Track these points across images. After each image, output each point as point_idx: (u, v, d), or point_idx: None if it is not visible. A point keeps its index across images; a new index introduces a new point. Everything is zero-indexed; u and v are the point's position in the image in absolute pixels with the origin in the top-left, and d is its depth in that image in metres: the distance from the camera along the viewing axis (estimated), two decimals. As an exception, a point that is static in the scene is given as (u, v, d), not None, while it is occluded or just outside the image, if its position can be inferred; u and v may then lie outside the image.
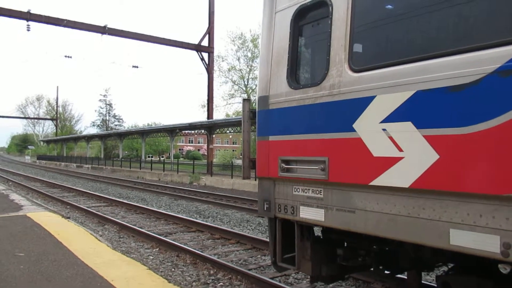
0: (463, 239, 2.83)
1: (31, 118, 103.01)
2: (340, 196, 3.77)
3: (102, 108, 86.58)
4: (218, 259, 7.29)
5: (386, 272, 4.28)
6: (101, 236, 9.18)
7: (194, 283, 6.42)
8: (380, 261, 4.27)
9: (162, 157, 67.62)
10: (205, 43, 31.62)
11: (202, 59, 31.53)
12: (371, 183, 3.38)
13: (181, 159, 59.85)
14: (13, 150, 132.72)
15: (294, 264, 4.41)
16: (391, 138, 3.27)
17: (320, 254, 4.38)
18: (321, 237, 4.50)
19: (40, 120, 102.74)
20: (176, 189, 21.47)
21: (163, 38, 30.66)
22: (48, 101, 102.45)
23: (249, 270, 6.72)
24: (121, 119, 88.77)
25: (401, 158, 3.20)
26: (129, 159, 43.80)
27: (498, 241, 2.65)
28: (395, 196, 3.28)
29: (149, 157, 63.05)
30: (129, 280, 5.37)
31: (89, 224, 11.14)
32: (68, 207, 14.44)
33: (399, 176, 3.19)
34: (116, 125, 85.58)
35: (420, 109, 3.08)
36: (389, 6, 3.60)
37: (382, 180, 3.31)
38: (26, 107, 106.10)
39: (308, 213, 4.09)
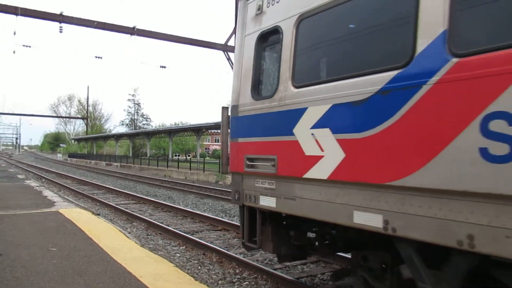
0: (361, 218, 3.82)
1: (63, 117, 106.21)
2: (286, 187, 4.78)
3: (130, 107, 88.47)
4: (243, 258, 7.32)
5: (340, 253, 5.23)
6: (129, 233, 9.37)
7: (220, 281, 6.47)
8: (322, 242, 5.33)
9: (189, 156, 68.39)
10: (231, 43, 31.80)
11: (229, 58, 31.69)
12: (304, 176, 4.40)
13: (207, 158, 60.36)
14: (46, 148, 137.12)
15: (262, 248, 5.54)
16: (317, 141, 4.27)
17: (278, 235, 5.36)
18: (279, 222, 5.38)
19: (71, 119, 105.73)
20: (202, 188, 21.67)
21: (190, 38, 30.96)
22: (79, 101, 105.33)
23: (275, 269, 6.71)
24: (149, 118, 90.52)
25: (322, 156, 4.21)
26: (156, 158, 44.50)
27: (381, 219, 3.63)
28: (319, 186, 4.28)
29: (176, 155, 63.90)
30: (156, 277, 5.46)
31: (118, 221, 11.39)
32: (98, 204, 14.81)
33: (321, 170, 4.20)
34: (144, 124, 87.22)
35: (334, 119, 4.08)
36: (316, 39, 4.64)
37: (310, 173, 4.33)
38: (58, 106, 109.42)
39: (265, 201, 5.11)
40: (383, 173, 3.56)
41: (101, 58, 33.50)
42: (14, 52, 45.89)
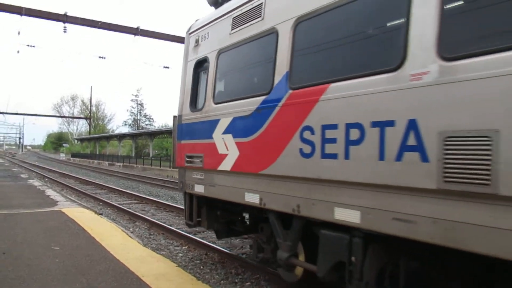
0: (248, 198, 5.44)
1: (66, 117, 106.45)
2: (209, 177, 6.40)
3: (133, 107, 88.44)
4: (246, 259, 7.31)
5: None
6: (132, 232, 9.39)
7: (222, 281, 6.48)
8: (240, 221, 7.06)
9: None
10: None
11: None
12: (218, 169, 6.04)
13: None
14: (49, 148, 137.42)
15: (199, 223, 7.16)
16: (225, 143, 5.87)
17: (210, 215, 6.97)
18: (211, 204, 6.89)
19: (75, 119, 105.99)
20: (204, 188, 21.64)
21: (194, 39, 30.98)
22: (82, 101, 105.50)
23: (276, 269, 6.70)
24: (152, 118, 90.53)
25: (227, 154, 5.82)
26: (159, 158, 44.55)
27: (258, 197, 5.26)
28: (226, 176, 5.93)
29: (178, 156, 63.68)
30: (158, 277, 5.47)
31: (121, 221, 11.41)
32: (100, 203, 14.84)
33: (227, 164, 5.81)
34: (147, 125, 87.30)
35: (234, 127, 5.70)
36: (226, 69, 6.32)
37: (221, 166, 5.93)
38: (62, 106, 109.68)
39: (198, 189, 6.74)
40: (258, 166, 5.21)
41: (104, 58, 33.62)
42: (18, 52, 45.97)
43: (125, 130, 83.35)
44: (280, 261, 5.33)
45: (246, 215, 7.06)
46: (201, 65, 6.90)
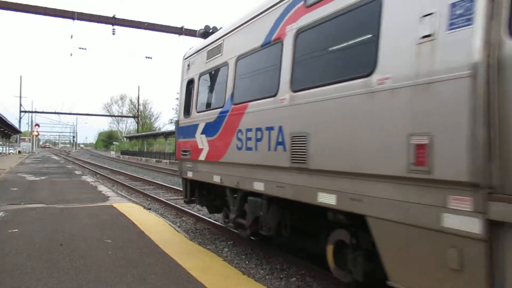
0: (215, 178, 7.67)
1: (115, 116, 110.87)
2: (194, 165, 8.76)
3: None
4: (291, 256, 7.29)
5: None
6: (179, 227, 9.62)
7: (267, 276, 6.50)
8: (220, 199, 8.78)
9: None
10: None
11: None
12: (198, 159, 8.31)
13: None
14: (100, 145, 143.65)
15: (194, 201, 9.56)
16: (201, 141, 8.12)
17: (201, 195, 9.24)
18: (201, 186, 9.14)
19: (123, 118, 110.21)
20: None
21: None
22: (131, 100, 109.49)
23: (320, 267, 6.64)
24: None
25: (203, 148, 8.08)
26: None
27: (219, 177, 7.51)
28: (203, 164, 8.20)
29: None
30: (205, 270, 5.58)
31: (168, 216, 11.73)
32: (149, 199, 15.32)
33: (203, 156, 8.08)
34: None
35: (206, 129, 7.93)
36: (204, 87, 8.57)
37: (200, 157, 8.20)
38: (111, 106, 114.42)
39: (189, 174, 9.11)
40: (218, 156, 7.45)
41: (151, 58, 34.76)
42: (71, 54, 48.30)
43: (171, 128, 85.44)
44: (231, 221, 7.88)
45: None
46: (190, 83, 9.22)
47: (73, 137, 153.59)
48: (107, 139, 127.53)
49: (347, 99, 4.44)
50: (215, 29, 9.03)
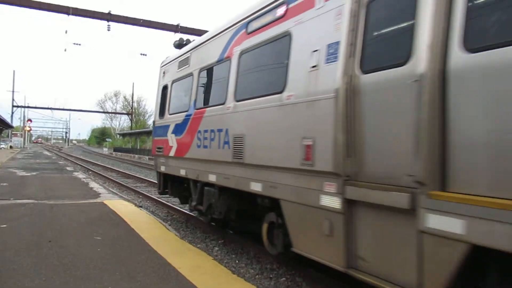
0: (181, 172, 8.96)
1: (109, 113, 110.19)
2: (166, 160, 9.92)
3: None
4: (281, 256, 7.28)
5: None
6: (169, 225, 9.57)
7: (257, 276, 6.49)
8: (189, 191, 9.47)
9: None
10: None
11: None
12: (169, 155, 9.58)
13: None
14: (93, 142, 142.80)
15: (167, 193, 10.72)
16: (172, 139, 9.39)
17: (173, 187, 10.33)
18: (173, 179, 10.16)
19: (117, 115, 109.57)
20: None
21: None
22: (125, 97, 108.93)
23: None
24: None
25: (172, 146, 9.36)
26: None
27: (184, 171, 8.82)
28: (173, 159, 9.46)
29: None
30: (195, 269, 5.56)
31: (159, 214, 11.69)
32: (140, 196, 15.25)
33: (173, 152, 9.31)
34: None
35: (175, 129, 9.28)
36: (176, 92, 9.78)
37: (170, 153, 9.44)
38: (105, 102, 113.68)
39: (162, 168, 10.30)
40: (184, 152, 8.63)
41: (145, 55, 34.58)
42: (65, 50, 47.92)
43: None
44: (193, 207, 9.23)
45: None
46: (165, 88, 10.47)
47: (66, 133, 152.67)
48: (100, 135, 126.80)
49: (268, 109, 5.77)
50: (188, 42, 10.34)
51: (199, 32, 30.21)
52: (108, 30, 28.18)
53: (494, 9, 3.25)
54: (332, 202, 4.57)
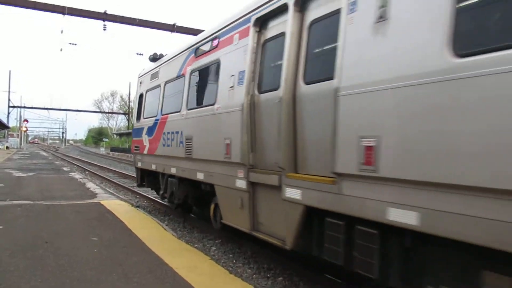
0: (153, 167, 10.83)
1: (106, 113, 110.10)
2: (142, 157, 11.87)
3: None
4: (276, 255, 7.28)
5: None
6: (167, 225, 9.54)
7: (254, 275, 6.49)
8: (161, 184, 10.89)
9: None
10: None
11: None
12: (143, 153, 11.57)
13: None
14: (90, 142, 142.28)
15: (144, 185, 12.60)
16: (146, 139, 11.32)
17: (149, 180, 11.97)
18: (149, 174, 11.68)
19: (114, 114, 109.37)
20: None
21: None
22: (121, 97, 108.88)
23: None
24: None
25: (146, 145, 11.32)
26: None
27: (155, 166, 10.69)
28: (147, 156, 11.31)
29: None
30: (192, 269, 5.55)
31: (156, 214, 11.65)
32: (137, 196, 15.22)
33: (145, 150, 11.33)
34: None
35: (148, 131, 11.21)
36: (149, 100, 11.63)
37: (144, 151, 11.45)
38: (102, 102, 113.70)
39: (139, 164, 12.20)
40: (154, 151, 10.44)
41: (142, 55, 34.32)
42: (61, 50, 47.81)
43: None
44: (161, 196, 10.96)
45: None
46: (141, 96, 12.31)
47: (63, 133, 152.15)
48: (97, 135, 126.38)
49: (206, 117, 7.64)
50: (161, 56, 11.39)
51: (195, 32, 30.13)
52: (104, 30, 28.08)
53: (318, 60, 5.24)
54: (242, 184, 6.38)
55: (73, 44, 36.55)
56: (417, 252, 3.91)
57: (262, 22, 6.26)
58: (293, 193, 5.13)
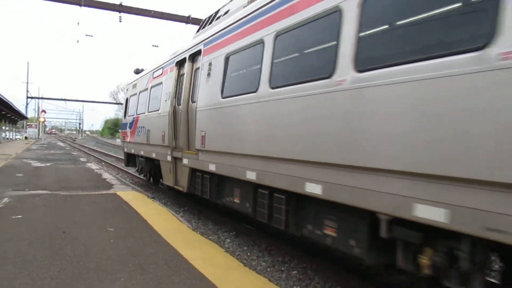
0: (134, 151, 15.47)
1: (122, 104, 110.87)
2: (128, 144, 16.62)
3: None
4: (293, 249, 7.27)
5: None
6: (182, 217, 9.61)
7: (268, 268, 6.48)
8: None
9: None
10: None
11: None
12: (127, 141, 16.47)
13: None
14: (106, 133, 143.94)
15: (130, 165, 17.63)
16: (128, 131, 16.30)
17: (131, 160, 16.97)
18: (134, 157, 16.23)
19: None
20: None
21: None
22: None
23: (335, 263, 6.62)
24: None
25: (129, 135, 16.09)
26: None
27: (135, 150, 15.35)
28: (132, 143, 15.59)
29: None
30: (206, 261, 5.56)
31: (171, 205, 11.73)
32: (153, 188, 15.33)
33: (129, 139, 16.05)
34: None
35: (129, 125, 16.08)
36: (132, 103, 16.45)
37: (128, 140, 16.35)
38: (118, 94, 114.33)
39: (126, 149, 17.14)
40: (133, 139, 15.24)
41: (157, 46, 34.45)
42: (78, 41, 48.23)
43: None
44: (138, 170, 15.60)
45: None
46: (127, 100, 16.94)
47: (79, 124, 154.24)
48: (113, 126, 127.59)
49: (155, 117, 12.07)
50: (142, 70, 15.56)
51: (210, 23, 29.94)
52: (120, 21, 28.17)
53: (195, 90, 9.34)
54: (169, 158, 10.63)
55: (89, 35, 36.95)
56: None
57: (180, 64, 10.74)
58: (186, 161, 9.54)
